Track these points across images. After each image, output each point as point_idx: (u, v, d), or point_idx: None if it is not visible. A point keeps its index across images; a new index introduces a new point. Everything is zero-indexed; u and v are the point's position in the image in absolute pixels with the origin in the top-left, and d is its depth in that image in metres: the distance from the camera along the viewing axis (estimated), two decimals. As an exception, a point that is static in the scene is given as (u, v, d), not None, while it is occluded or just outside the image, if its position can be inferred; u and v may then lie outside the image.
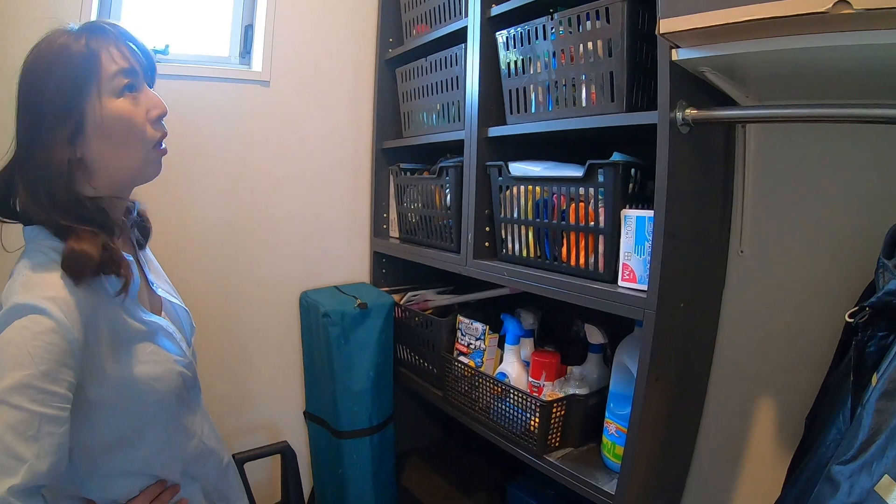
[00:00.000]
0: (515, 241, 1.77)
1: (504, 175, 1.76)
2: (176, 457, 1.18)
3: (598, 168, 1.49)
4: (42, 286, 0.94)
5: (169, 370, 1.12)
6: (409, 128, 2.39)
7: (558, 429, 1.68)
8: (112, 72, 1.02)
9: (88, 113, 1.01)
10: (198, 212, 2.25)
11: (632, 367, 1.49)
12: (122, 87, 1.04)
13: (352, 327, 2.22)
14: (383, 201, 2.59)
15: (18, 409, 0.86)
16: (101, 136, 1.03)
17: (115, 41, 1.05)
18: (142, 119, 1.07)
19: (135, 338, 1.08)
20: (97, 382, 0.99)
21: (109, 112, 1.02)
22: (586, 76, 1.53)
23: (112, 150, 1.05)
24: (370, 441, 2.30)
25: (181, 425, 1.19)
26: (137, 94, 1.07)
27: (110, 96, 1.02)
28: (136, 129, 1.06)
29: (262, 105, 2.33)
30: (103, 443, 1.05)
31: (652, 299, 1.31)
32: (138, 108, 1.06)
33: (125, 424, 1.06)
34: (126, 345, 1.06)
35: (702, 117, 1.29)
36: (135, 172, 1.10)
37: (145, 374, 1.07)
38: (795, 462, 1.35)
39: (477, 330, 1.99)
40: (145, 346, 1.09)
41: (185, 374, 1.17)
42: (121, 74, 1.03)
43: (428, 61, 2.14)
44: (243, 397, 2.46)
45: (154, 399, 1.09)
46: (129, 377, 1.04)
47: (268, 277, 2.43)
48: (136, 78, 1.07)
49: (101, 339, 1.01)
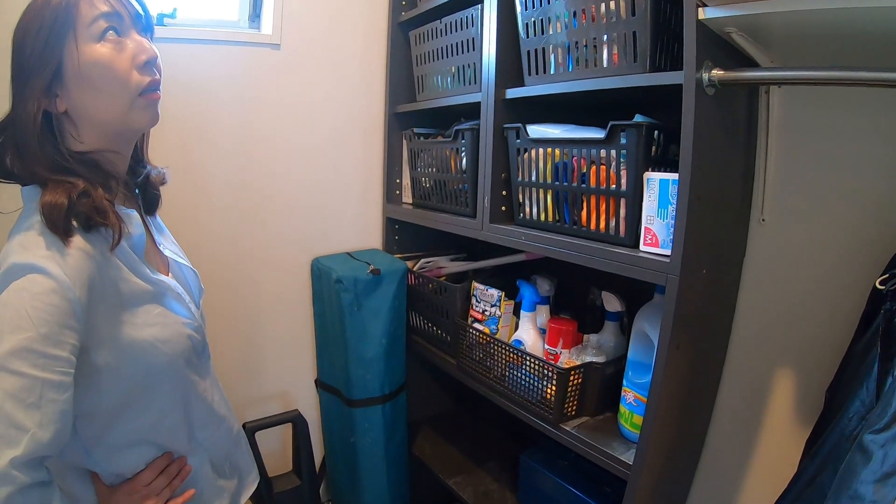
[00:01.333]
0: (533, 204, 1.74)
1: (522, 137, 1.72)
2: (183, 423, 1.16)
3: (620, 129, 1.45)
4: (39, 245, 0.91)
5: (177, 332, 1.09)
6: (423, 91, 2.35)
7: (575, 397, 1.66)
8: (91, 16, 0.98)
9: (66, 60, 0.97)
10: (208, 177, 2.23)
11: (652, 335, 1.47)
12: (103, 31, 0.99)
13: (364, 294, 2.20)
14: (396, 166, 2.56)
15: (18, 374, 0.83)
16: (81, 83, 0.99)
17: None
18: (126, 65, 1.01)
19: (141, 299, 1.04)
20: (102, 345, 0.96)
21: (87, 58, 0.98)
22: (608, 36, 1.48)
23: (92, 97, 1.00)
24: (382, 410, 2.29)
25: (190, 390, 1.16)
26: (122, 38, 1.02)
27: (89, 42, 0.98)
28: (119, 75, 1.01)
29: (272, 69, 2.29)
30: (109, 409, 1.02)
31: (675, 264, 1.29)
32: (122, 54, 1.01)
33: (132, 389, 1.03)
34: (132, 306, 1.02)
35: (728, 78, 1.25)
36: (121, 120, 1.04)
37: (152, 336, 1.04)
38: (815, 435, 1.33)
39: (492, 296, 1.96)
40: (152, 308, 1.06)
41: (193, 337, 1.14)
42: (101, 18, 0.99)
43: (443, 23, 2.09)
44: (255, 366, 2.46)
45: (161, 362, 1.06)
46: (136, 339, 1.01)
47: (279, 243, 2.41)
48: (121, 22, 1.02)
49: (106, 300, 0.97)
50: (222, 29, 2.26)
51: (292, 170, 2.39)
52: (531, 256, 2.00)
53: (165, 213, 1.39)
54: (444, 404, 2.77)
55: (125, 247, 1.04)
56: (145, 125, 1.09)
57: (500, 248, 1.93)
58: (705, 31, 1.24)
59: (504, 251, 2.02)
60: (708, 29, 1.24)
